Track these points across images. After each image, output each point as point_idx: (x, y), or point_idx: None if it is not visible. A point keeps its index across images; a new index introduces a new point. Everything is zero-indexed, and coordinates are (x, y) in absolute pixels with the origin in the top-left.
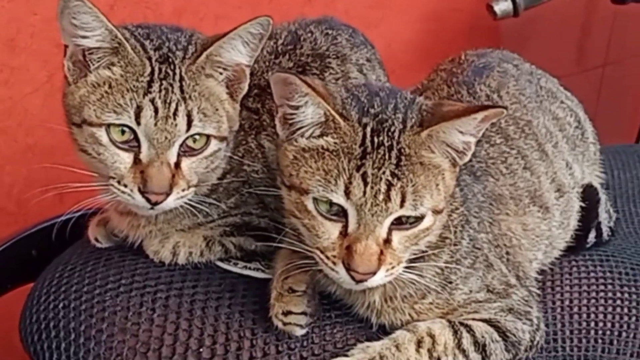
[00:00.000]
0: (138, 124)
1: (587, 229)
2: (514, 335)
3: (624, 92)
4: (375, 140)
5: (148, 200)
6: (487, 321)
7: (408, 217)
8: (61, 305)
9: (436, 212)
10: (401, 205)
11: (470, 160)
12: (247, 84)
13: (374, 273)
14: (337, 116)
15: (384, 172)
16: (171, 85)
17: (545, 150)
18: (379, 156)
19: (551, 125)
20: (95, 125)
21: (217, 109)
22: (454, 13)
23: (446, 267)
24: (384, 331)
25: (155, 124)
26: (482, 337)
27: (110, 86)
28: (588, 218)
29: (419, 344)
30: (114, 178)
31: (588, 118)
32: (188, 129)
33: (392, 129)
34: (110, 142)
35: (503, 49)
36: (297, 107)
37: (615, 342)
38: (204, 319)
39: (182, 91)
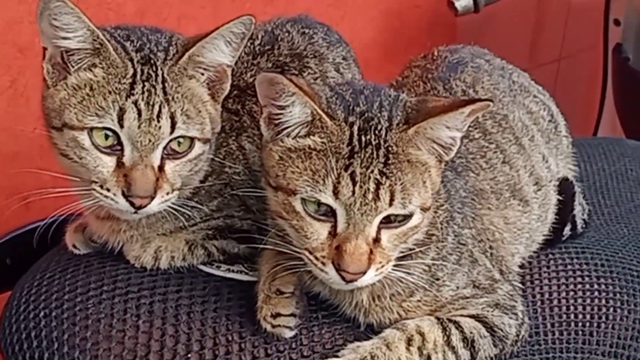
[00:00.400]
0: (121, 126)
1: (563, 222)
2: (501, 330)
3: (579, 86)
4: (363, 139)
5: (132, 204)
6: (474, 317)
7: (397, 215)
8: (42, 314)
9: (424, 209)
10: (390, 204)
11: None
12: (229, 84)
13: (364, 272)
14: (323, 115)
15: (372, 171)
16: (154, 87)
17: (522, 144)
18: (367, 155)
19: (526, 119)
20: (77, 128)
21: (199, 111)
22: (414, 10)
23: (433, 264)
24: (371, 330)
25: (139, 127)
26: (471, 333)
27: (91, 88)
28: (564, 211)
29: (409, 342)
30: (96, 182)
31: (559, 111)
32: (172, 132)
33: (379, 127)
34: (92, 145)
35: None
36: (283, 107)
37: (595, 333)
38: (190, 324)
39: (165, 93)
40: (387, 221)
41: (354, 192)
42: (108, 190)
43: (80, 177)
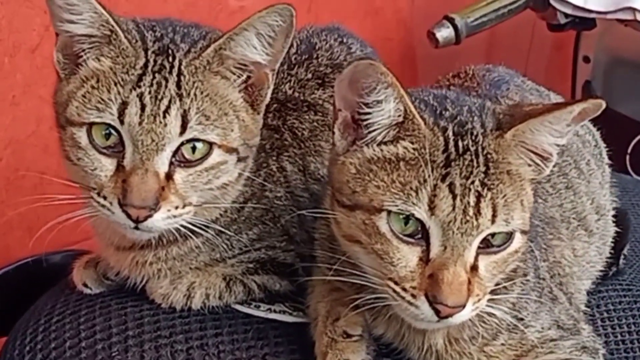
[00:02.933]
0: (122, 122)
1: (618, 255)
2: None
3: None
4: (460, 144)
5: (128, 215)
6: None
7: (494, 237)
8: None
9: (523, 232)
10: (492, 221)
11: None
12: (270, 91)
13: (463, 306)
14: (416, 115)
15: (472, 182)
16: (165, 79)
17: (580, 167)
18: (466, 163)
19: (578, 142)
20: (75, 124)
21: (225, 113)
22: (387, 42)
23: (518, 300)
24: None
25: (140, 123)
26: None
27: (97, 80)
28: (621, 244)
29: None
30: (94, 189)
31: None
32: (182, 132)
33: (475, 133)
34: (90, 144)
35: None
36: (374, 104)
37: None
38: None
39: (178, 87)
40: (485, 245)
41: (454, 206)
42: (104, 198)
43: (82, 183)
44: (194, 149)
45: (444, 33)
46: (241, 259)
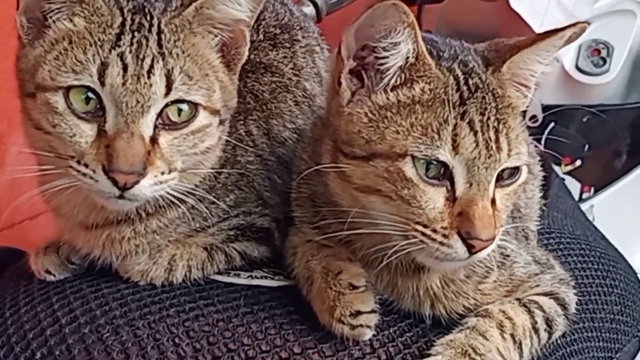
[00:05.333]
0: (102, 84)
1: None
2: (570, 305)
3: None
4: (470, 82)
5: (115, 182)
6: (549, 294)
7: (504, 171)
8: (39, 355)
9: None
10: (509, 155)
11: None
12: (247, 49)
13: (494, 238)
14: (427, 56)
15: (489, 118)
16: (146, 38)
17: None
18: (479, 100)
19: None
20: (50, 89)
21: (206, 74)
22: None
23: (501, 239)
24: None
25: (124, 84)
26: (549, 312)
27: (70, 41)
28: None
29: (502, 328)
30: (73, 157)
31: None
32: (167, 93)
33: (478, 71)
34: (68, 109)
35: None
36: (391, 46)
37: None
38: (242, 339)
39: (160, 46)
40: (499, 178)
41: (476, 142)
42: (86, 165)
43: (56, 151)
44: (179, 111)
45: (306, 11)
46: (221, 227)
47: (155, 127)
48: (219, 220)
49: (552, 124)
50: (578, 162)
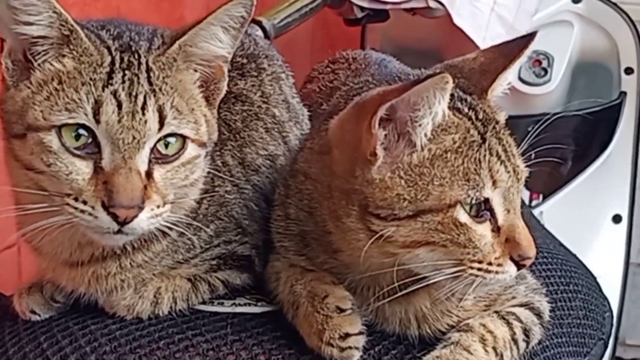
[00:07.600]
0: (97, 122)
1: None
2: (544, 313)
3: None
4: (480, 117)
5: (115, 217)
6: (525, 305)
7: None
8: None
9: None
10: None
11: None
12: (225, 84)
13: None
14: (450, 113)
15: (504, 146)
16: (137, 75)
17: None
18: (495, 131)
19: None
20: (42, 129)
21: (192, 109)
22: None
23: None
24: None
25: (119, 121)
26: (526, 322)
27: (60, 81)
28: None
29: (484, 342)
30: (69, 195)
31: None
32: (160, 128)
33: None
34: (62, 147)
35: None
36: (429, 112)
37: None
38: None
39: (150, 83)
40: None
41: (509, 173)
42: (85, 202)
43: (50, 190)
44: (167, 145)
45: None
46: (204, 257)
47: (150, 161)
48: (202, 250)
49: None
50: None
